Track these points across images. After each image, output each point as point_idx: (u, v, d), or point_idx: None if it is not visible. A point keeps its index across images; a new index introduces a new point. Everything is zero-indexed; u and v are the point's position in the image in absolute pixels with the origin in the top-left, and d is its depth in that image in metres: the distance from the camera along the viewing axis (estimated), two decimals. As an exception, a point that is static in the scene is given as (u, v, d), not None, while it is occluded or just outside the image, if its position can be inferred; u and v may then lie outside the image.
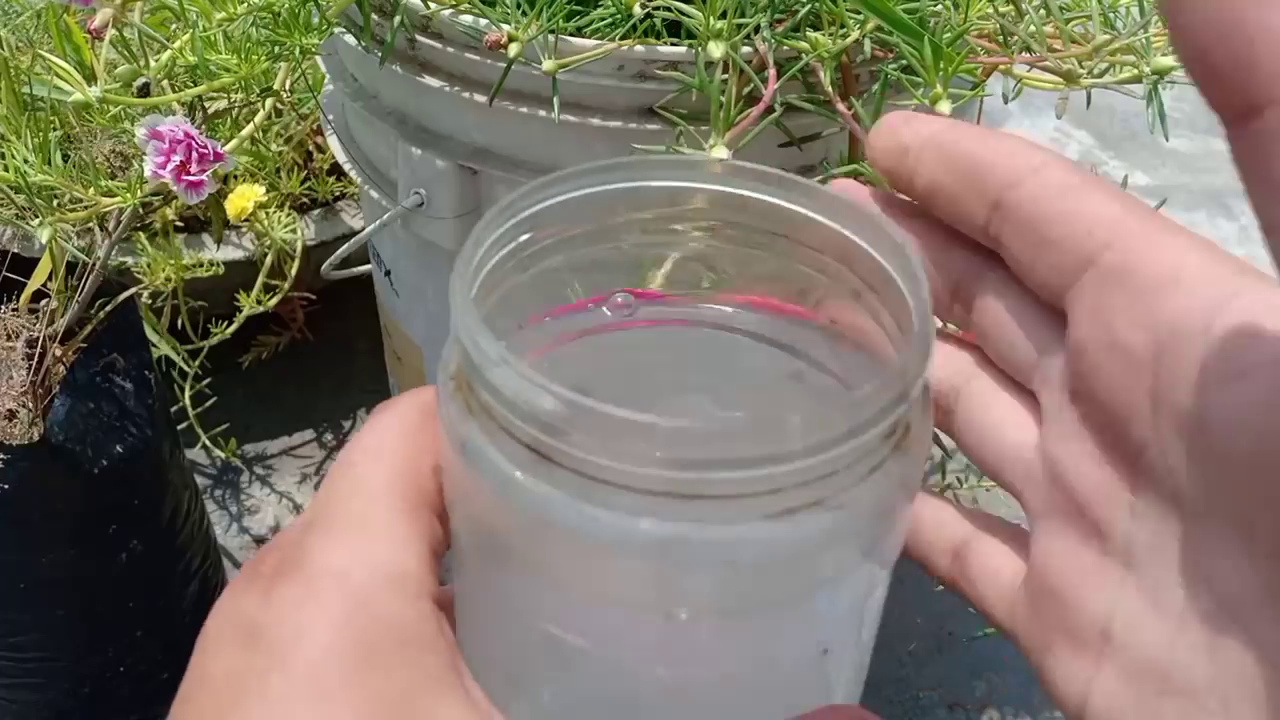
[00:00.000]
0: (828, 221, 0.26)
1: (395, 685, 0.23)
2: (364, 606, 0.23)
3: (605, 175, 0.26)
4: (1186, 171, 1.29)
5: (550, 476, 0.22)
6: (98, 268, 0.62)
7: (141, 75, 0.47)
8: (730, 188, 0.27)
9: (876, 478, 0.22)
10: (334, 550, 0.24)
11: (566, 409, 0.21)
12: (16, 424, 0.63)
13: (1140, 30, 0.42)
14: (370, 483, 0.25)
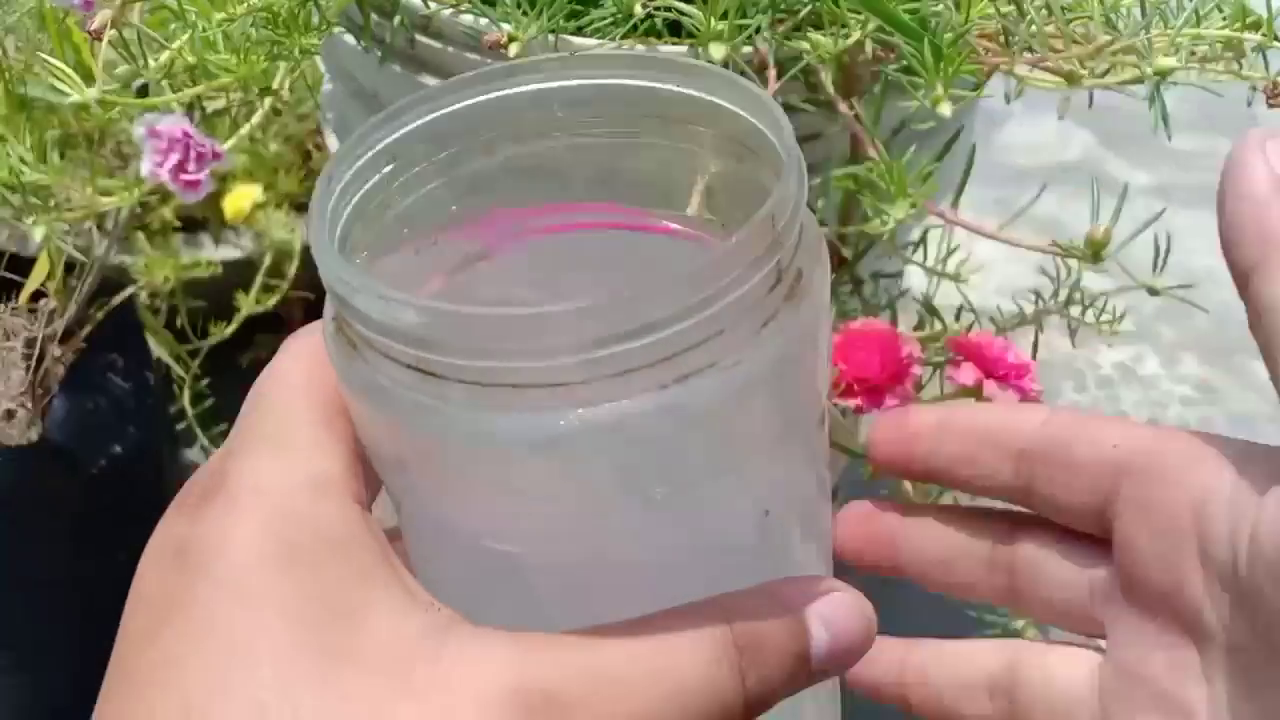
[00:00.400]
0: (696, 93, 0.25)
1: (322, 580, 0.23)
2: (285, 511, 0.23)
3: (464, 90, 0.25)
4: (1188, 171, 1.29)
5: (439, 392, 0.21)
6: (96, 267, 0.62)
7: (140, 76, 0.47)
8: (594, 79, 0.26)
9: (770, 332, 0.21)
10: (253, 466, 0.24)
11: (430, 317, 0.20)
12: (15, 424, 0.63)
13: (1142, 30, 0.42)
14: (284, 401, 0.25)
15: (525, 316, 0.20)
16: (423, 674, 0.22)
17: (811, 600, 0.25)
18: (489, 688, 0.22)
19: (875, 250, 0.51)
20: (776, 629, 0.24)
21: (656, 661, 0.23)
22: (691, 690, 0.23)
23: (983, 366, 0.46)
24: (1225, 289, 0.28)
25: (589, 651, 0.23)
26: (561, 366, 0.20)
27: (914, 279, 0.63)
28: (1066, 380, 1.04)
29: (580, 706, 0.22)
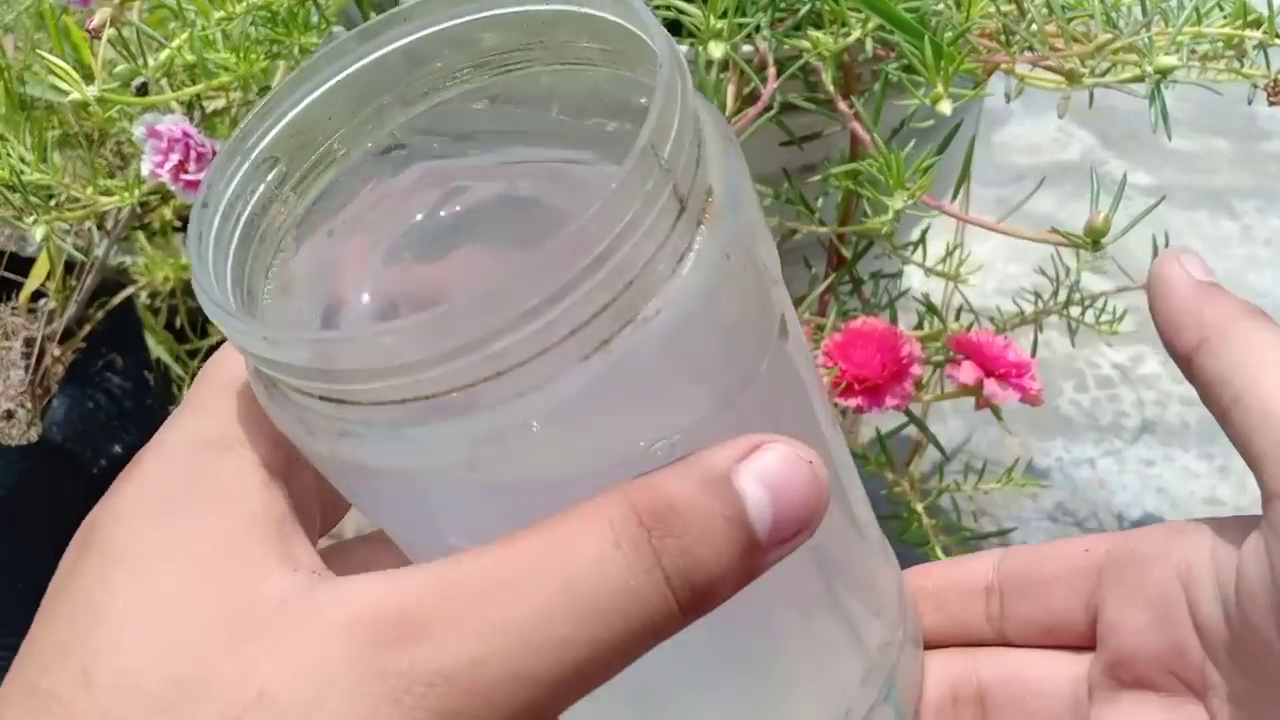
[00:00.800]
0: (569, 8, 0.22)
1: (187, 531, 0.21)
2: (173, 467, 0.22)
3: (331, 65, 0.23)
4: (1188, 171, 1.29)
5: (360, 417, 0.20)
6: (96, 267, 0.62)
7: (140, 74, 0.47)
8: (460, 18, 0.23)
9: (690, 264, 0.19)
10: (164, 432, 0.23)
11: (320, 349, 0.19)
12: (15, 424, 0.63)
13: (1142, 30, 0.41)
14: (223, 373, 0.24)
15: (413, 327, 0.18)
16: (261, 623, 0.20)
17: (738, 457, 0.20)
18: (327, 622, 0.19)
19: (875, 250, 0.51)
20: (693, 493, 0.20)
21: (540, 558, 0.19)
22: (587, 581, 0.19)
23: (983, 365, 0.46)
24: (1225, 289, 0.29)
25: (460, 564, 0.20)
26: (466, 366, 0.18)
27: (914, 279, 0.63)
28: (1067, 380, 1.04)
29: (440, 623, 0.19)
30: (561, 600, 0.19)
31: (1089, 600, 0.31)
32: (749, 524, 0.20)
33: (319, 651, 0.19)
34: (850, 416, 0.51)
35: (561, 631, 0.19)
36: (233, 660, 0.19)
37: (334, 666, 0.19)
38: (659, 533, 0.19)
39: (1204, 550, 0.28)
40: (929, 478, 0.58)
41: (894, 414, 0.49)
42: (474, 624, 0.19)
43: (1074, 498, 0.93)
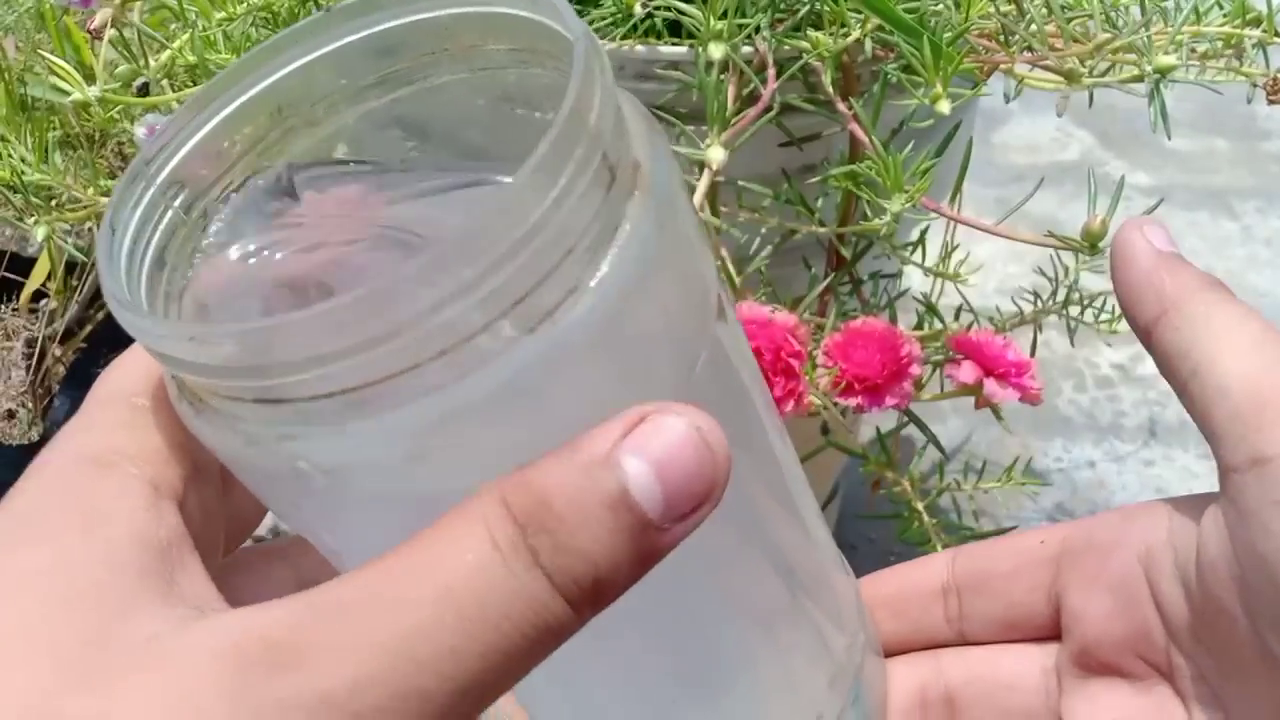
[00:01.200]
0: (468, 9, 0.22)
1: (39, 559, 0.19)
2: (49, 486, 0.20)
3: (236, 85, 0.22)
4: (1188, 171, 1.29)
5: (299, 418, 0.18)
6: (97, 268, 0.62)
7: (141, 75, 0.47)
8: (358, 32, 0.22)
9: (627, 232, 0.18)
10: (48, 451, 0.21)
11: (252, 339, 0.18)
12: (16, 424, 0.63)
13: (1141, 29, 0.42)
14: (115, 386, 0.22)
15: (350, 303, 0.17)
16: (124, 659, 0.18)
17: (619, 435, 0.18)
18: (196, 654, 0.18)
19: (874, 250, 0.51)
20: (570, 481, 0.18)
21: (415, 570, 0.18)
22: (466, 590, 0.18)
23: (982, 364, 0.46)
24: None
25: (333, 586, 0.18)
26: (408, 345, 0.17)
27: (913, 279, 0.63)
28: (1066, 380, 1.04)
29: (315, 647, 0.18)
30: (443, 611, 0.18)
31: (1049, 591, 0.31)
32: (634, 505, 0.18)
33: (187, 686, 0.17)
34: (850, 416, 0.51)
35: (449, 643, 0.18)
36: (86, 698, 0.18)
37: (203, 701, 0.17)
38: (534, 529, 0.18)
39: (1161, 531, 0.28)
40: (928, 477, 0.58)
41: (894, 413, 0.49)
42: (351, 645, 0.18)
43: (1074, 498, 0.93)
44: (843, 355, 0.45)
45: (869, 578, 0.33)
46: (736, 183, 0.49)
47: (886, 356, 0.45)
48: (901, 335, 0.46)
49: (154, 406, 0.22)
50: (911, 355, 0.46)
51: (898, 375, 0.45)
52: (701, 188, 0.43)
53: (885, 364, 0.45)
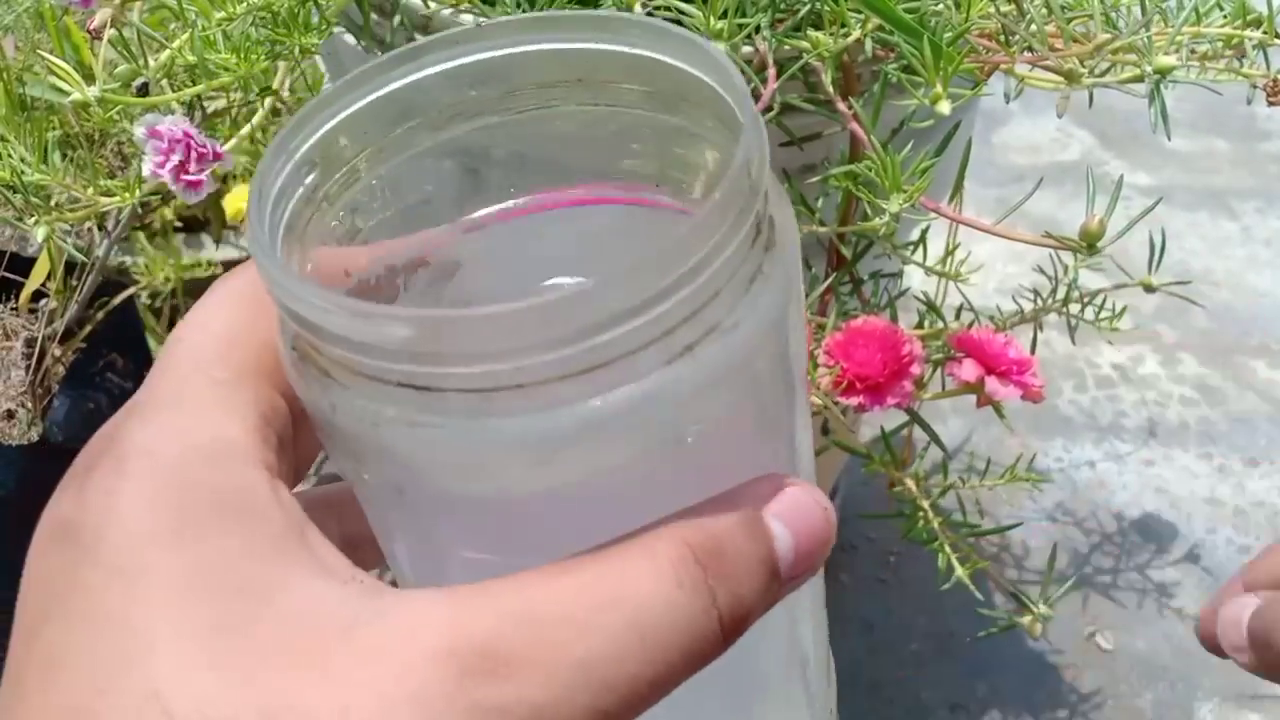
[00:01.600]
0: (638, 51, 0.23)
1: (217, 554, 0.20)
2: (178, 478, 0.21)
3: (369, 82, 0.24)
4: (1188, 172, 1.29)
5: (436, 405, 0.19)
6: (96, 267, 0.62)
7: (140, 75, 0.47)
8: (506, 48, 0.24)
9: (759, 285, 0.21)
10: (144, 430, 0.22)
11: (423, 328, 0.19)
12: (15, 424, 0.63)
13: (1142, 29, 0.42)
14: (194, 355, 0.23)
15: (527, 309, 0.18)
16: (336, 649, 0.19)
17: (766, 499, 0.22)
18: (414, 651, 0.19)
19: (875, 250, 0.51)
20: (736, 534, 0.21)
21: (607, 593, 0.20)
22: (652, 622, 0.20)
23: (984, 363, 0.46)
24: (1224, 289, 0.28)
25: (529, 594, 0.20)
26: (566, 357, 0.19)
27: (914, 278, 0.63)
28: (1066, 380, 1.04)
29: (521, 658, 0.19)
30: (631, 640, 0.20)
31: None
32: (775, 563, 0.22)
33: (417, 683, 0.19)
34: (851, 415, 0.51)
35: (631, 670, 0.20)
36: (323, 688, 0.19)
37: (434, 700, 0.19)
38: (713, 572, 0.21)
39: None
40: (931, 476, 0.58)
41: (895, 412, 0.49)
42: (555, 662, 0.19)
43: (1074, 497, 0.93)
44: (844, 354, 0.45)
45: None
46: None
47: (887, 355, 0.45)
48: (902, 334, 0.46)
49: (235, 379, 0.22)
50: (912, 354, 0.45)
51: (899, 374, 0.45)
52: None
53: (886, 363, 0.45)
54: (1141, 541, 0.91)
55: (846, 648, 0.82)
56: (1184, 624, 0.84)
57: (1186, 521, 0.92)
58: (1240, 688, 0.81)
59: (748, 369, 0.21)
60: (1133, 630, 0.84)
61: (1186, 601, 0.86)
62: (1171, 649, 0.83)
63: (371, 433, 0.20)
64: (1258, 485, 0.95)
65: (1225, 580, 0.38)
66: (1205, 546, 0.90)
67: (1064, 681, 0.81)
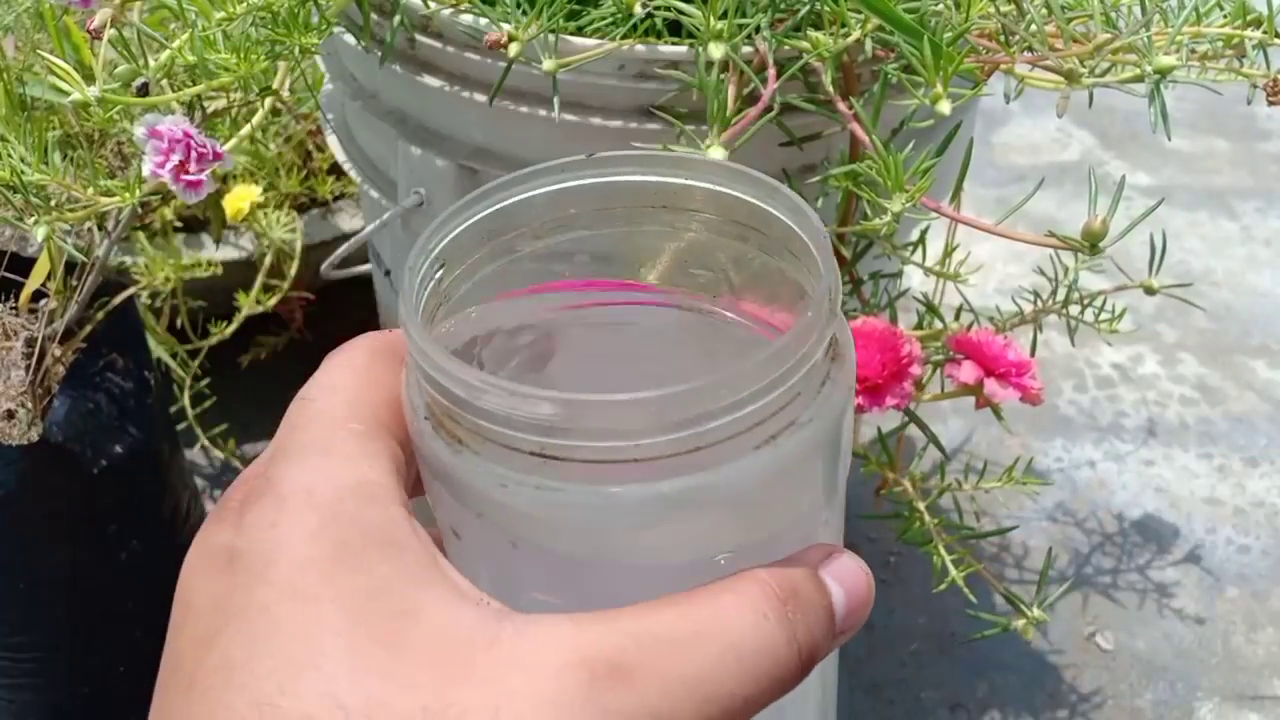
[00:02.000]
0: (715, 187, 0.28)
1: (375, 580, 0.23)
2: (334, 515, 0.24)
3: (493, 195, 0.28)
4: (1188, 172, 1.29)
5: (561, 473, 0.23)
6: (96, 267, 0.62)
7: (141, 75, 0.47)
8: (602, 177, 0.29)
9: (828, 388, 0.25)
10: (299, 472, 0.25)
11: (567, 409, 0.23)
12: (15, 424, 0.63)
13: (1142, 29, 0.42)
14: (328, 412, 0.26)
15: (652, 399, 0.22)
16: (483, 660, 0.23)
17: (824, 561, 0.27)
18: (551, 662, 0.23)
19: (874, 250, 0.51)
20: (808, 584, 0.25)
21: (708, 623, 0.24)
22: (745, 646, 0.24)
23: (983, 364, 0.46)
24: (1224, 289, 0.28)
25: (643, 620, 0.24)
26: (676, 439, 0.23)
27: (914, 279, 0.63)
28: (1066, 380, 1.04)
29: (642, 671, 0.23)
30: (730, 661, 0.23)
31: None
32: (834, 612, 0.26)
33: (554, 688, 0.22)
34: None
35: (728, 688, 0.23)
36: (474, 692, 0.22)
37: (569, 702, 0.22)
38: (791, 609, 0.24)
39: None
40: (929, 477, 0.58)
41: (894, 413, 0.49)
42: (670, 677, 0.23)
43: (1074, 497, 0.93)
44: (843, 355, 0.45)
45: None
46: (737, 183, 0.49)
47: (887, 356, 0.45)
48: (902, 335, 0.46)
49: (369, 432, 0.26)
50: (912, 355, 0.46)
51: (898, 375, 0.45)
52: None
53: (886, 364, 0.45)
54: (1141, 541, 0.91)
55: (847, 648, 0.82)
56: (1184, 624, 0.84)
57: (1186, 521, 0.92)
58: (1240, 688, 0.81)
59: (815, 455, 0.26)
60: (1133, 630, 0.84)
61: (1186, 601, 0.86)
62: (1171, 649, 0.83)
63: (497, 493, 0.24)
64: (1258, 485, 0.95)
65: (1225, 580, 0.37)
66: (1205, 546, 0.90)
67: (1064, 681, 0.81)
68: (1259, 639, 0.84)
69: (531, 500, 0.24)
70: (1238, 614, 0.85)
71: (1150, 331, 1.08)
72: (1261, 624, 0.85)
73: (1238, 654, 0.83)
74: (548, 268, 0.30)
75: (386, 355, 0.28)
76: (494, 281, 0.29)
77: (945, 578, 0.53)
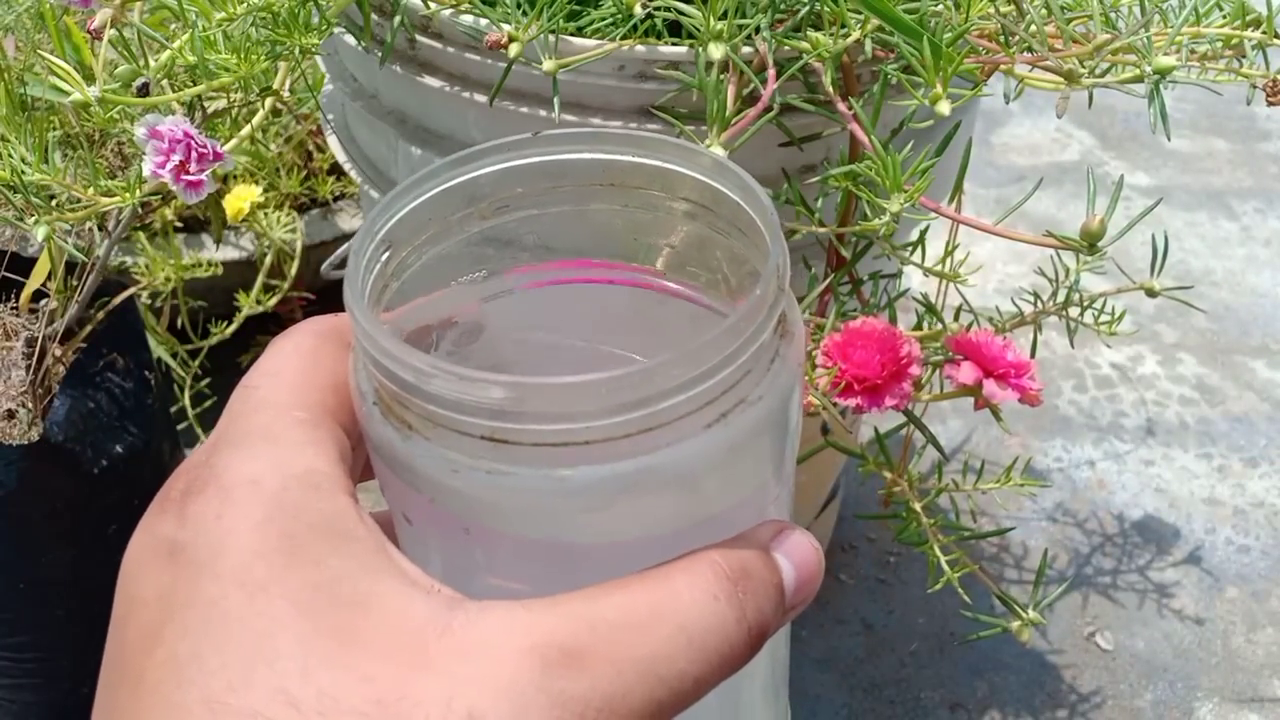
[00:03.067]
0: (667, 165, 0.28)
1: (324, 572, 0.23)
2: (280, 506, 0.24)
3: (453, 170, 0.28)
4: (1188, 172, 1.29)
5: (510, 457, 0.23)
6: (97, 267, 0.62)
7: (141, 75, 0.47)
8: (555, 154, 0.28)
9: (777, 365, 0.25)
10: (244, 461, 0.25)
11: (517, 393, 0.22)
12: (16, 424, 0.63)
13: (1141, 30, 0.42)
14: (272, 399, 0.26)
15: (602, 380, 0.22)
16: (435, 649, 0.23)
17: (774, 538, 0.27)
18: (504, 649, 0.23)
19: (874, 250, 0.51)
20: (758, 562, 0.26)
21: (659, 605, 0.24)
22: (696, 626, 0.24)
23: (982, 365, 0.46)
24: (1223, 289, 0.29)
25: (594, 604, 0.24)
26: (628, 420, 0.23)
27: (913, 279, 0.63)
28: (1066, 380, 1.04)
29: (594, 655, 0.23)
30: (680, 641, 0.24)
31: None
32: (784, 589, 0.26)
33: (509, 676, 0.22)
34: (850, 416, 0.51)
35: (681, 667, 0.24)
36: (427, 682, 0.22)
37: (525, 689, 0.22)
38: (742, 588, 0.25)
39: None
40: (927, 477, 0.58)
41: (893, 413, 0.49)
42: (622, 659, 0.23)
43: (1073, 498, 0.94)
44: (842, 355, 0.45)
45: None
46: (736, 183, 0.49)
47: (886, 357, 0.45)
48: (901, 335, 0.46)
49: (314, 419, 0.26)
50: (911, 355, 0.45)
51: (897, 376, 0.45)
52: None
53: (885, 364, 0.45)
54: (1141, 542, 0.91)
55: (847, 648, 0.82)
56: (1184, 624, 0.84)
57: (1186, 522, 0.92)
58: (1240, 688, 0.81)
59: (765, 432, 0.26)
60: (1132, 630, 0.84)
61: (1186, 602, 0.86)
62: (1171, 649, 0.83)
63: (449, 478, 0.24)
64: (1257, 485, 0.95)
65: (1224, 581, 0.37)
66: (1205, 547, 0.90)
67: (1064, 681, 0.81)
68: (1259, 639, 0.84)
69: (483, 484, 0.24)
70: (1237, 614, 0.85)
71: (1150, 332, 1.08)
72: (1261, 624, 0.85)
73: (1237, 654, 0.83)
74: (496, 248, 0.29)
75: (332, 339, 0.27)
76: (442, 262, 0.29)
77: (941, 578, 0.53)
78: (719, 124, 0.43)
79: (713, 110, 0.43)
